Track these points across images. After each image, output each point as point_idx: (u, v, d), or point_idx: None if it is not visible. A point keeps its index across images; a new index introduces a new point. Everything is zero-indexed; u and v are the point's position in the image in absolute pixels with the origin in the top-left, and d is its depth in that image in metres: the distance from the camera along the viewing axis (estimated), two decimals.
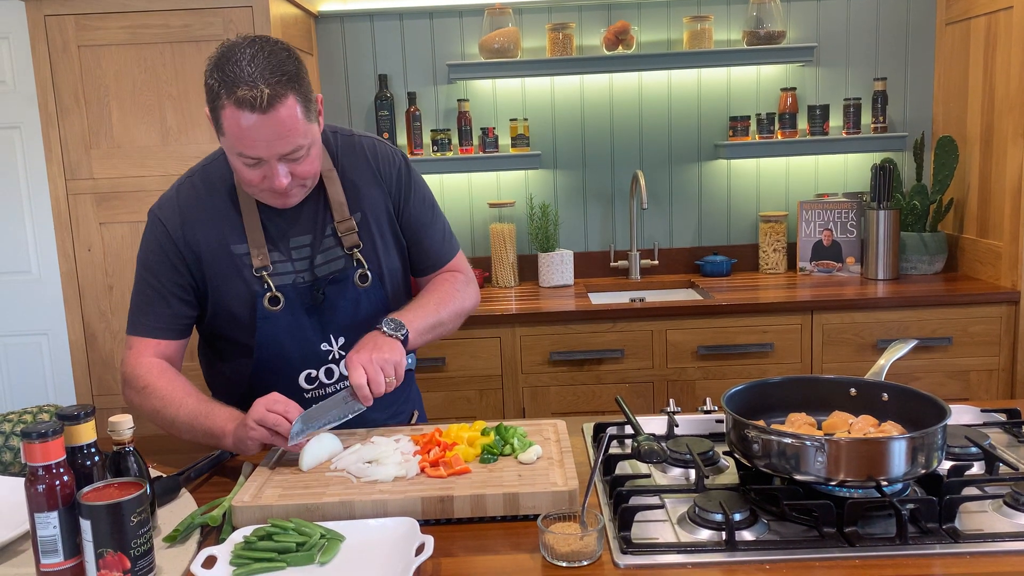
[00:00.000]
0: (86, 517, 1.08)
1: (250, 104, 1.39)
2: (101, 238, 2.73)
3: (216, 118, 1.44)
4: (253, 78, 1.38)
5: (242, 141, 1.42)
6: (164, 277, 1.59)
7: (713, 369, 2.81)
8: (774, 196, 3.36)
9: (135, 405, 1.57)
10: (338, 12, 3.21)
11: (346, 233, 1.63)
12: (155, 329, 1.60)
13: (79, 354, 2.80)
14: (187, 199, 1.60)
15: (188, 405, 1.51)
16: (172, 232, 1.58)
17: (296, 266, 1.62)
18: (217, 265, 1.59)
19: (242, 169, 1.48)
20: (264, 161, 1.45)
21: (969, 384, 2.81)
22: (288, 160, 1.47)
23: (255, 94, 1.38)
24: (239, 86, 1.38)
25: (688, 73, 3.27)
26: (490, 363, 2.81)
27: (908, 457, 1.19)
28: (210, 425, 1.48)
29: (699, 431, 1.57)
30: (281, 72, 1.41)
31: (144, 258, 1.61)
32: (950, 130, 3.14)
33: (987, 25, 2.89)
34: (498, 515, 1.27)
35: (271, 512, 1.25)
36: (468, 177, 3.31)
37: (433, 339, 1.68)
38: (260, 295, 1.58)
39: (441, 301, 1.69)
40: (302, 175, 1.50)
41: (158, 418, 1.54)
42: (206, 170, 1.63)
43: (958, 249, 3.15)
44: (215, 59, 1.43)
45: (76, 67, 2.65)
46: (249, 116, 1.39)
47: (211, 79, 1.43)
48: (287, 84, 1.41)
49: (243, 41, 1.44)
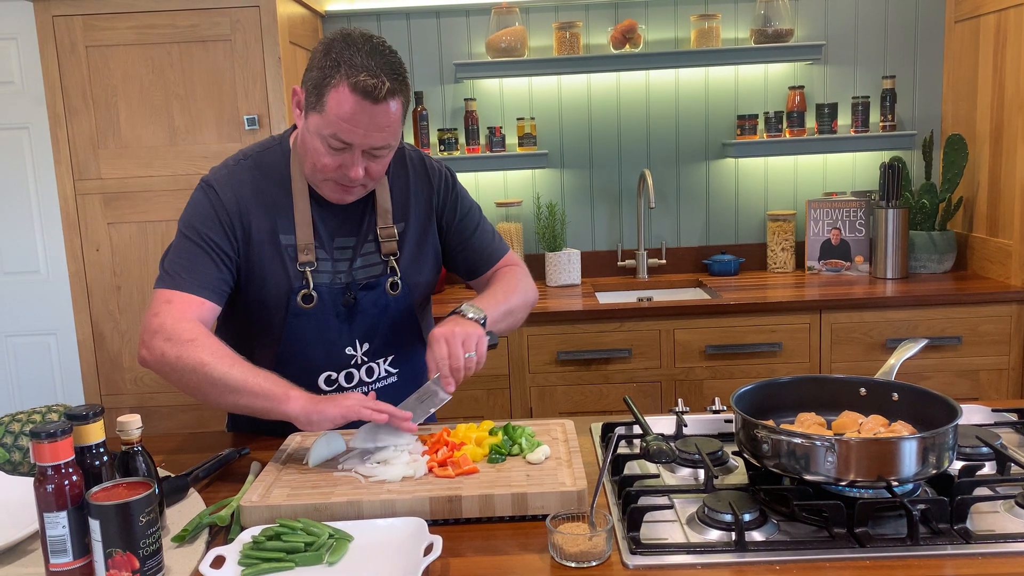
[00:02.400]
0: (95, 517, 1.08)
1: (367, 91, 1.42)
2: (109, 238, 2.73)
3: (319, 96, 1.45)
4: (375, 69, 1.43)
5: (343, 124, 1.45)
6: (214, 239, 1.55)
7: (721, 369, 2.80)
8: (782, 195, 3.35)
9: (169, 359, 1.45)
10: (345, 11, 3.21)
11: (386, 240, 1.65)
12: (200, 288, 1.52)
13: (87, 354, 2.81)
14: (242, 179, 1.59)
15: (240, 366, 1.44)
16: (227, 203, 1.56)
17: (336, 267, 1.62)
18: (263, 250, 1.58)
19: (321, 152, 1.49)
20: (349, 149, 1.48)
21: (979, 383, 2.79)
22: (370, 155, 1.50)
23: (377, 83, 1.42)
24: (361, 72, 1.42)
25: (695, 72, 3.26)
26: (497, 363, 2.81)
27: (919, 457, 1.18)
28: (270, 387, 1.42)
29: (708, 431, 1.57)
30: (397, 73, 1.46)
31: (191, 220, 1.56)
32: (959, 128, 3.13)
33: (997, 22, 2.87)
34: (506, 515, 1.27)
35: (279, 512, 1.25)
36: (475, 176, 3.31)
37: (506, 328, 1.69)
38: (296, 290, 1.58)
39: (510, 291, 1.71)
40: (373, 174, 1.53)
41: (199, 374, 1.44)
42: (261, 156, 1.62)
43: (967, 248, 3.13)
44: (330, 42, 1.47)
45: (84, 67, 2.65)
46: (361, 102, 1.43)
47: (325, 59, 1.45)
48: (401, 85, 1.47)
49: (360, 34, 1.48)
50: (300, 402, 1.41)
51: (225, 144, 2.64)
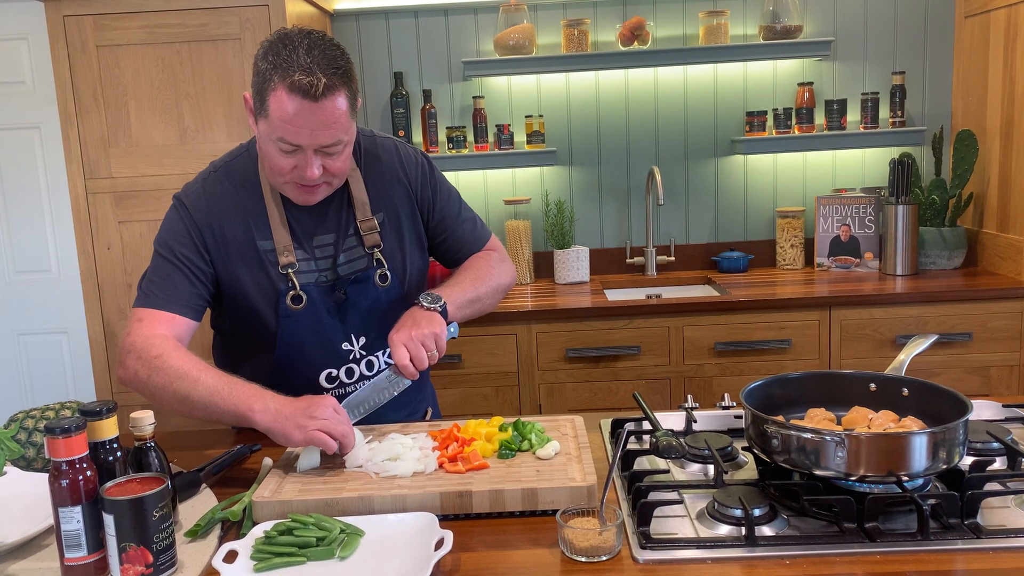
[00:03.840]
0: (109, 512, 1.09)
1: (304, 90, 1.40)
2: (120, 237, 2.75)
3: (262, 100, 1.45)
4: (310, 66, 1.41)
5: (286, 126, 1.43)
6: (186, 256, 1.57)
7: (730, 365, 2.80)
8: (791, 191, 3.34)
9: (141, 378, 1.48)
10: (354, 10, 3.22)
11: (368, 232, 1.64)
12: (172, 303, 1.54)
13: (99, 352, 2.83)
14: (214, 191, 1.61)
15: (206, 380, 1.44)
16: (198, 219, 1.58)
17: (319, 265, 1.63)
18: (243, 259, 1.59)
19: (275, 156, 1.48)
20: (301, 150, 1.47)
21: (989, 380, 2.78)
22: (324, 153, 1.48)
23: (312, 81, 1.40)
24: (295, 71, 1.40)
25: (704, 68, 3.26)
26: (506, 360, 2.81)
27: (929, 452, 1.18)
28: (234, 402, 1.42)
29: (717, 427, 1.57)
30: (336, 66, 1.43)
31: (165, 238, 1.59)
32: (969, 124, 3.11)
33: (1007, 18, 2.86)
34: (516, 510, 1.27)
35: (291, 507, 1.26)
36: (483, 174, 3.31)
37: (472, 314, 1.70)
38: (284, 293, 1.59)
39: (478, 277, 1.71)
40: (332, 171, 1.52)
41: (168, 392, 1.45)
42: (230, 166, 1.64)
43: (978, 244, 3.12)
44: (269, 44, 1.45)
45: (95, 67, 2.67)
46: (300, 102, 1.41)
47: (263, 63, 1.44)
48: (341, 78, 1.44)
49: (298, 32, 1.46)
50: (266, 418, 1.40)
51: (234, 143, 2.61)
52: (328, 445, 1.38)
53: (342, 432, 1.39)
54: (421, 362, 1.50)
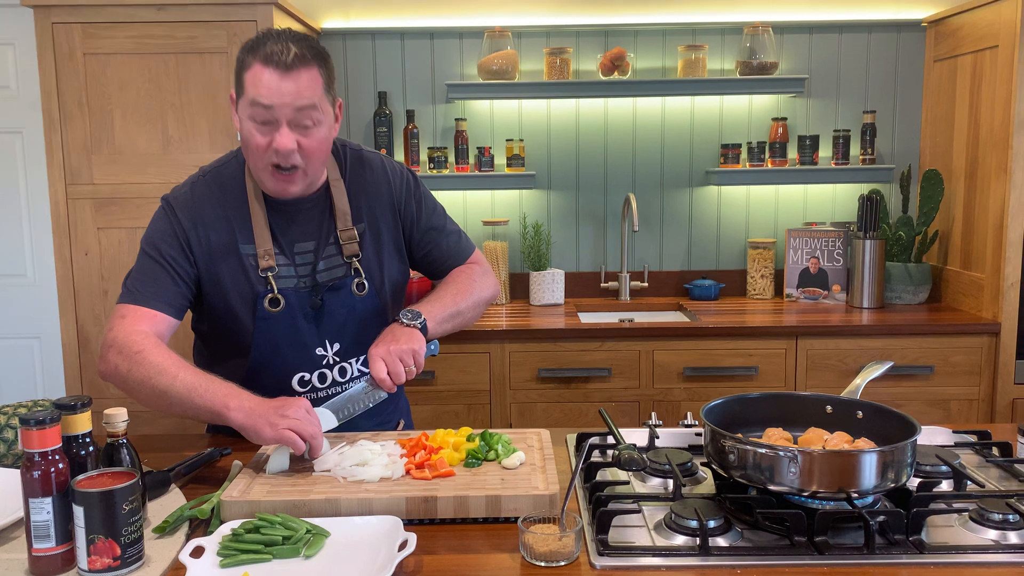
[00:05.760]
0: (79, 503, 1.11)
1: (275, 60, 1.48)
2: (99, 243, 2.76)
3: (240, 82, 1.53)
4: (282, 40, 1.50)
5: (259, 90, 1.49)
6: (171, 256, 1.61)
7: (699, 390, 2.84)
8: (763, 223, 3.42)
9: (121, 373, 1.51)
10: (340, 30, 3.28)
11: (347, 242, 1.68)
12: (155, 301, 1.58)
13: (71, 358, 2.83)
14: (201, 195, 1.65)
15: (184, 377, 1.47)
16: (184, 222, 1.62)
17: (299, 271, 1.66)
18: (225, 261, 1.63)
19: (252, 135, 1.53)
20: (274, 123, 1.51)
21: (950, 413, 2.85)
22: (297, 126, 1.53)
23: (282, 49, 1.48)
24: (268, 45, 1.49)
25: (682, 100, 3.34)
26: (479, 378, 2.84)
27: (878, 471, 1.22)
28: (211, 399, 1.45)
29: (679, 444, 1.61)
30: (308, 45, 1.52)
31: (152, 238, 1.63)
32: (936, 163, 3.21)
33: (974, 63, 2.97)
34: (480, 517, 1.30)
35: (259, 507, 1.28)
36: (463, 195, 3.36)
37: (453, 328, 1.73)
38: (262, 295, 1.62)
39: (459, 292, 1.75)
40: (307, 148, 1.55)
41: (147, 386, 1.48)
42: (218, 171, 1.68)
43: (942, 280, 3.21)
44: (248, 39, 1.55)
45: (81, 74, 2.70)
46: (272, 73, 1.49)
47: (241, 52, 1.53)
48: (312, 54, 1.52)
49: (274, 29, 1.56)
50: (240, 415, 1.43)
51: (217, 154, 2.60)
52: (297, 445, 1.41)
53: (311, 433, 1.42)
54: (398, 376, 1.54)
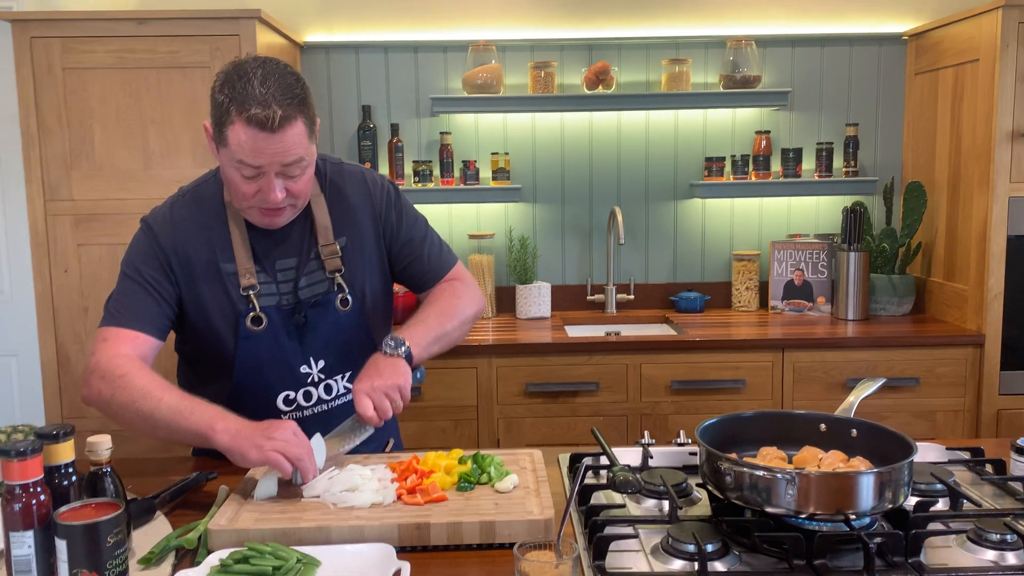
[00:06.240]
0: (62, 537, 1.07)
1: (261, 123, 1.43)
2: (79, 259, 2.72)
3: (220, 132, 1.48)
4: (266, 99, 1.43)
5: (246, 153, 1.46)
6: (153, 277, 1.58)
7: (686, 404, 2.84)
8: (747, 236, 3.42)
9: (104, 398, 1.50)
10: (324, 43, 3.25)
11: (329, 257, 1.66)
12: (138, 322, 1.56)
13: (51, 376, 2.78)
14: (180, 215, 1.62)
15: (169, 400, 1.46)
16: (163, 243, 1.60)
17: (280, 288, 1.64)
18: (206, 281, 1.60)
19: (238, 182, 1.50)
20: (262, 174, 1.48)
21: (936, 424, 2.86)
22: (285, 176, 1.51)
23: (268, 114, 1.43)
24: (252, 105, 1.43)
25: (666, 114, 3.34)
26: (466, 393, 2.82)
27: (876, 492, 1.22)
28: (196, 421, 1.43)
29: (673, 463, 1.60)
30: (292, 95, 1.46)
31: (132, 259, 1.61)
32: (919, 176, 3.23)
33: (955, 76, 2.99)
34: (474, 543, 1.28)
35: (247, 536, 1.25)
36: (448, 208, 3.34)
37: (440, 351, 1.70)
38: (244, 314, 1.60)
39: (443, 312, 1.72)
40: (295, 192, 1.54)
41: (131, 410, 1.47)
42: (197, 191, 1.66)
43: (926, 292, 3.22)
44: (225, 75, 1.48)
45: (60, 89, 2.66)
46: (258, 134, 1.44)
47: (220, 95, 1.47)
48: (297, 107, 1.47)
49: (252, 61, 1.49)
50: (226, 438, 1.41)
51: (199, 170, 2.60)
52: (283, 467, 1.38)
53: (297, 455, 1.39)
54: (385, 412, 1.52)
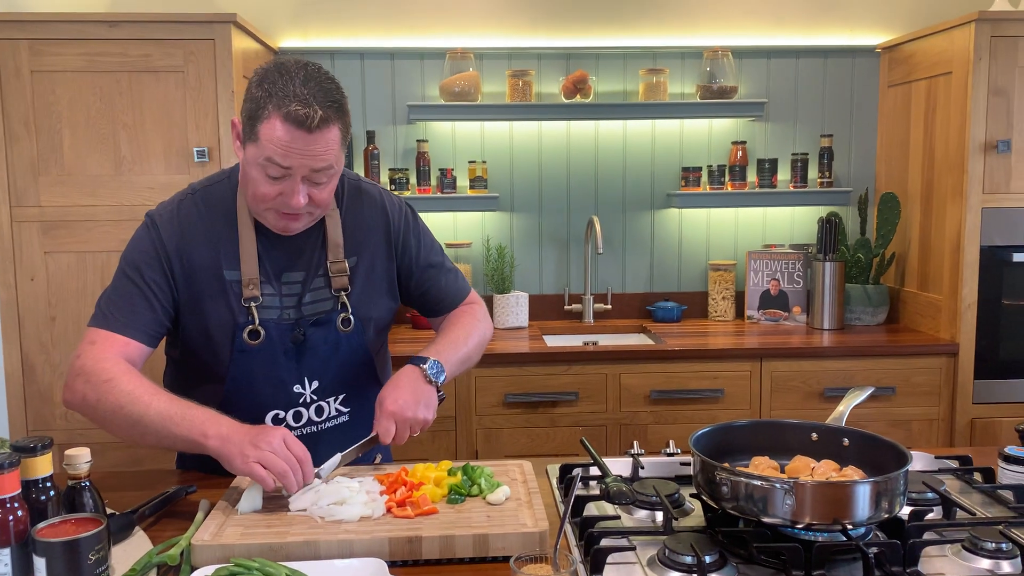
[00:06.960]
0: (41, 554, 1.03)
1: (300, 121, 1.40)
2: (45, 267, 2.64)
3: (253, 126, 1.43)
4: (307, 98, 1.40)
5: (277, 150, 1.42)
6: (151, 279, 1.53)
7: (665, 413, 2.83)
8: (723, 245, 3.44)
9: (89, 402, 1.45)
10: (298, 49, 3.21)
11: (337, 275, 1.62)
12: (130, 328, 1.51)
13: (15, 387, 2.69)
14: (187, 215, 1.57)
15: (158, 405, 1.42)
16: (167, 241, 1.54)
17: (284, 302, 1.59)
18: (206, 286, 1.55)
19: (260, 182, 1.46)
20: (289, 176, 1.44)
21: (911, 433, 2.88)
22: (311, 182, 1.47)
23: (308, 113, 1.39)
24: (292, 102, 1.40)
25: (643, 123, 3.35)
26: (444, 404, 2.77)
27: (873, 501, 1.21)
28: (187, 427, 1.39)
29: (664, 473, 1.58)
30: (332, 100, 1.43)
31: (133, 257, 1.55)
32: (892, 187, 3.27)
33: (927, 89, 3.03)
34: (467, 556, 1.25)
35: (233, 551, 1.21)
36: (425, 217, 3.28)
37: (459, 373, 1.71)
38: (242, 327, 1.55)
39: (469, 334, 1.73)
40: (317, 200, 1.49)
41: (118, 416, 1.43)
42: (208, 191, 1.60)
43: (900, 301, 3.26)
44: (264, 71, 1.45)
45: (28, 93, 2.59)
46: (296, 132, 1.40)
47: (258, 90, 1.43)
48: (336, 112, 1.44)
49: (294, 62, 1.46)
50: (216, 443, 1.38)
51: (173, 176, 2.59)
52: (266, 483, 1.34)
53: (281, 470, 1.35)
54: (401, 440, 1.53)
